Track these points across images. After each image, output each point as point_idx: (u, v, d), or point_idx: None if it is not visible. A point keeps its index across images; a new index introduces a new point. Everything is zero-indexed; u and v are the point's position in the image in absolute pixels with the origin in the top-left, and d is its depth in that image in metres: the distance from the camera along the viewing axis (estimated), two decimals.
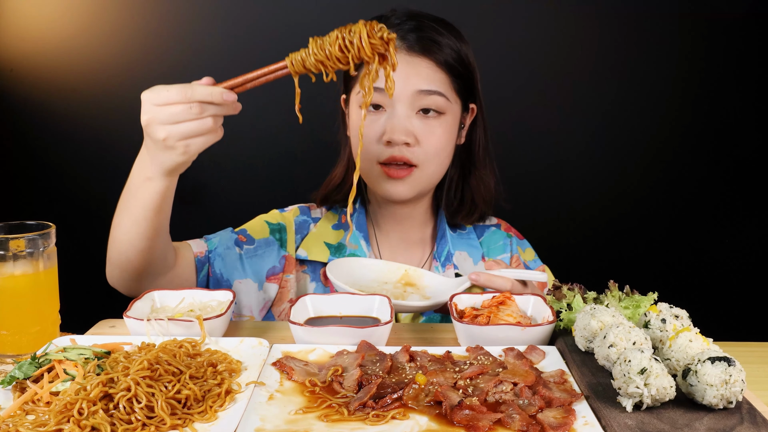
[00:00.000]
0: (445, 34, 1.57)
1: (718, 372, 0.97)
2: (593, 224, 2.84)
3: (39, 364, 1.08)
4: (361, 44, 1.16)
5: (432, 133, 1.56)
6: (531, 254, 1.81)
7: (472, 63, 1.62)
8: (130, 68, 2.72)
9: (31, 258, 1.25)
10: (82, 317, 1.45)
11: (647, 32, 2.70)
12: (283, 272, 1.69)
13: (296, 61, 1.20)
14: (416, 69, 1.53)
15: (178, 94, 1.16)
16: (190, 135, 1.19)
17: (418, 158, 1.56)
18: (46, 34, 2.71)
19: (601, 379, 1.06)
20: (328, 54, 1.17)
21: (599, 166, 2.80)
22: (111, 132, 2.75)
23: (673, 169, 2.80)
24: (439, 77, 1.55)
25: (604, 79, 2.73)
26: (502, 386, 1.04)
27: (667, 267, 2.86)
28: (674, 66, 2.72)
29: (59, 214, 2.37)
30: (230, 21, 2.70)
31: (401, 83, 1.50)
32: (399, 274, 1.58)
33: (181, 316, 1.26)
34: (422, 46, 1.53)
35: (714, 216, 2.84)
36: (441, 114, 1.56)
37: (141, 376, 1.00)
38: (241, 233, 1.68)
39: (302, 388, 1.06)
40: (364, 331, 1.19)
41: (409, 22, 1.56)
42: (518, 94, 2.71)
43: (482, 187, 1.71)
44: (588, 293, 1.30)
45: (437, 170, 1.62)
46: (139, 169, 1.31)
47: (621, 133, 2.77)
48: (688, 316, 1.15)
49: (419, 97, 1.53)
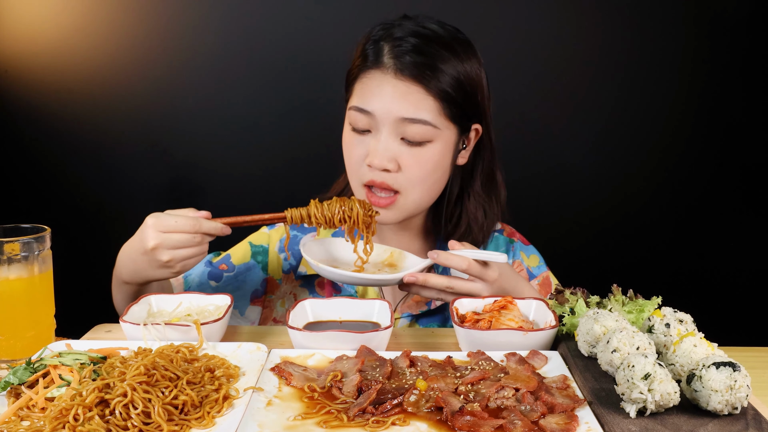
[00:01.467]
0: (448, 57, 1.48)
1: (723, 377, 0.97)
2: (596, 228, 2.84)
3: (34, 369, 1.08)
4: (356, 218, 1.47)
5: (416, 161, 1.50)
6: (535, 260, 1.77)
7: (478, 84, 1.54)
8: (126, 69, 2.73)
9: (26, 262, 1.25)
10: (78, 322, 1.45)
11: (650, 34, 2.71)
12: (265, 294, 1.70)
13: (295, 217, 1.44)
14: (403, 94, 1.46)
15: (186, 224, 1.32)
16: (189, 257, 1.35)
17: (400, 184, 1.51)
18: (40, 34, 2.71)
19: (604, 384, 1.06)
20: (327, 219, 1.46)
21: (602, 169, 2.80)
22: (107, 133, 2.76)
23: (677, 172, 2.81)
24: (427, 105, 1.47)
25: (608, 81, 2.74)
26: (503, 392, 1.04)
27: (671, 271, 2.87)
28: (678, 68, 2.73)
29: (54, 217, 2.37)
30: (226, 22, 2.71)
31: (386, 107, 1.46)
32: (384, 256, 1.58)
33: (178, 321, 1.26)
34: (415, 72, 1.45)
35: (719, 219, 2.84)
36: (428, 141, 1.50)
37: (137, 382, 1.00)
38: (224, 261, 1.69)
39: (301, 394, 1.06)
40: (364, 336, 1.19)
41: (411, 40, 1.48)
42: (520, 96, 2.71)
43: (480, 213, 1.66)
44: (591, 297, 1.30)
45: (424, 196, 1.56)
46: (125, 263, 1.40)
47: (624, 136, 2.78)
48: (692, 321, 1.15)
49: (403, 123, 1.47)
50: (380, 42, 1.50)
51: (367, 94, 1.48)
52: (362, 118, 1.49)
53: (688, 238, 2.86)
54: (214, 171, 2.79)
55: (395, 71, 1.46)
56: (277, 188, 2.79)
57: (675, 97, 2.75)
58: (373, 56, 1.49)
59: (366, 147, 1.51)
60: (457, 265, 1.41)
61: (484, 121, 1.60)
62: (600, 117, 2.77)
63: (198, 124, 2.77)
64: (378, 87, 1.47)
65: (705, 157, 2.80)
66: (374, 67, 1.48)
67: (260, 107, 2.75)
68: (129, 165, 2.77)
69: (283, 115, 2.75)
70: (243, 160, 2.80)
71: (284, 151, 2.78)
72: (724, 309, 2.83)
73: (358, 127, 1.51)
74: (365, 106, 1.48)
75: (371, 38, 1.52)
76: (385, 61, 1.47)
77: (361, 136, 1.52)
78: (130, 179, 2.76)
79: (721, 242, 2.86)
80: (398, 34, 1.50)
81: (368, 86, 1.49)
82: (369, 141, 1.51)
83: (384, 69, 1.47)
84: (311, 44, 2.68)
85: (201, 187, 2.79)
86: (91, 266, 2.66)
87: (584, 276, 1.76)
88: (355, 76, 1.52)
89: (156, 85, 2.74)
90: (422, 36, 1.49)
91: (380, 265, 1.56)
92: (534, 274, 1.75)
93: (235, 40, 2.71)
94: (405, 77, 1.46)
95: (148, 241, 1.31)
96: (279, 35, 2.69)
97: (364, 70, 1.50)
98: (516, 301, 1.34)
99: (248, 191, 2.81)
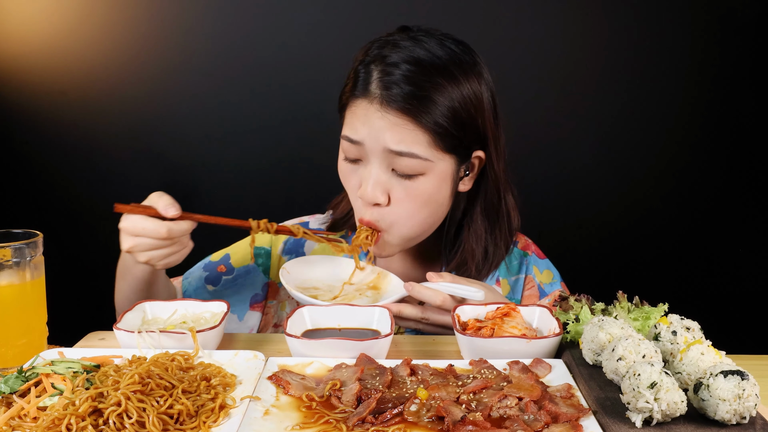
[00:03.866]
0: (443, 84, 1.41)
1: (731, 386, 0.97)
2: (601, 233, 2.85)
3: (26, 377, 1.08)
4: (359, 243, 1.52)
5: (407, 194, 1.45)
6: (549, 276, 1.72)
7: (479, 108, 1.46)
8: (119, 71, 2.74)
9: (18, 268, 1.25)
10: (71, 329, 1.45)
11: (657, 36, 2.71)
12: (266, 299, 1.70)
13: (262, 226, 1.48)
14: (391, 126, 1.40)
15: (153, 230, 1.35)
16: (167, 256, 1.40)
17: (390, 220, 1.48)
18: (32, 35, 2.72)
19: (609, 393, 1.07)
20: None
21: (608, 173, 2.81)
22: (100, 136, 2.76)
23: (684, 177, 2.81)
24: (417, 138, 1.41)
25: (614, 85, 2.75)
26: (506, 401, 1.04)
27: (678, 277, 2.87)
28: (686, 70, 2.73)
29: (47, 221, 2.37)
30: (220, 24, 2.72)
31: (374, 138, 1.42)
32: (371, 277, 1.58)
33: (174, 328, 1.26)
34: (403, 104, 1.39)
35: (727, 224, 2.85)
36: (420, 174, 1.44)
37: (132, 391, 1.00)
38: (223, 262, 1.69)
39: (299, 403, 1.06)
40: (364, 343, 1.19)
41: (402, 67, 1.41)
42: (525, 100, 2.72)
43: (479, 247, 1.60)
44: (596, 304, 1.31)
45: (416, 229, 1.51)
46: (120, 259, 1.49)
47: (631, 140, 2.78)
48: (699, 328, 1.15)
49: (390, 155, 1.42)
50: (371, 66, 1.44)
51: (355, 123, 1.45)
52: (352, 148, 1.46)
53: (696, 243, 2.86)
54: (209, 174, 2.80)
55: (381, 102, 1.40)
56: (273, 191, 2.80)
57: (683, 100, 2.76)
58: (362, 83, 1.44)
59: (359, 177, 1.49)
60: (430, 299, 1.41)
61: (488, 147, 1.52)
62: (606, 121, 2.77)
63: (193, 126, 2.78)
64: (365, 117, 1.42)
65: (713, 162, 2.80)
66: (362, 96, 1.43)
67: (256, 109, 2.76)
68: (123, 168, 2.77)
69: (278, 118, 2.76)
70: (238, 162, 2.80)
71: (280, 154, 2.79)
72: (733, 316, 2.83)
73: (349, 156, 1.49)
74: (354, 136, 1.45)
75: (364, 60, 1.46)
76: (373, 90, 1.42)
77: (354, 165, 1.49)
78: (123, 183, 2.77)
79: (729, 248, 2.86)
80: (390, 58, 1.42)
81: (357, 115, 1.44)
82: (361, 171, 1.48)
83: (371, 98, 1.42)
84: (307, 46, 2.69)
85: (196, 191, 2.79)
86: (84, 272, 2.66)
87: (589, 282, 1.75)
88: (345, 103, 1.48)
89: (150, 87, 2.75)
90: (415, 62, 1.41)
91: (364, 288, 1.57)
92: (545, 291, 1.69)
93: (229, 41, 2.72)
94: (392, 109, 1.40)
95: (123, 243, 1.38)
96: (274, 37, 2.70)
97: (352, 98, 1.46)
98: (519, 308, 1.34)
99: (244, 194, 2.81)
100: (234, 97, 2.75)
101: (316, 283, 1.56)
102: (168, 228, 1.35)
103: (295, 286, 1.47)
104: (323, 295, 1.51)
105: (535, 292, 1.69)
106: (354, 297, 1.53)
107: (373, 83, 1.42)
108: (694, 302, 2.41)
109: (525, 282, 1.71)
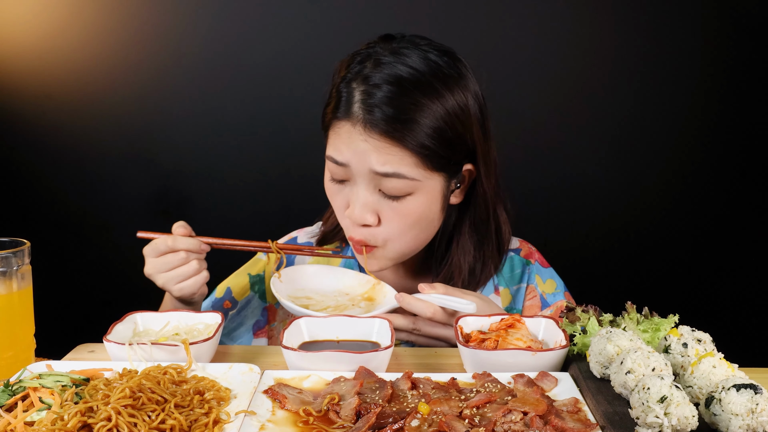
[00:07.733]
0: (427, 103, 1.40)
1: (744, 400, 0.97)
2: (610, 242, 2.85)
3: (12, 391, 1.08)
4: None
5: (396, 213, 1.47)
6: (552, 286, 1.72)
7: (467, 122, 1.46)
8: (109, 74, 2.74)
9: (4, 278, 1.25)
10: (59, 341, 1.45)
11: (667, 38, 2.72)
12: (268, 323, 1.72)
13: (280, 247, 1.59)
14: (375, 149, 1.41)
15: (162, 245, 1.46)
16: (182, 277, 1.48)
17: (377, 239, 1.50)
18: (18, 36, 2.73)
19: (617, 408, 1.07)
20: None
21: (617, 179, 2.81)
22: (90, 142, 2.77)
23: (695, 182, 2.81)
24: (403, 160, 1.41)
25: (622, 88, 2.75)
26: (511, 416, 1.04)
27: (689, 287, 2.87)
28: (696, 75, 2.73)
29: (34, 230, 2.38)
30: (214, 27, 2.73)
31: (358, 159, 1.42)
32: (366, 287, 1.59)
33: (166, 340, 1.26)
34: (386, 128, 1.39)
35: (739, 233, 2.85)
36: (408, 194, 1.45)
37: (122, 405, 1.00)
38: (227, 297, 1.72)
39: (296, 418, 1.06)
40: (363, 356, 1.19)
41: (384, 88, 1.40)
42: (531, 105, 2.73)
43: (465, 262, 1.61)
44: (604, 315, 1.31)
45: (409, 245, 1.53)
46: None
47: (640, 145, 2.79)
48: (711, 340, 1.16)
49: (376, 177, 1.43)
50: (352, 85, 1.44)
51: (340, 145, 1.45)
52: (338, 169, 1.47)
53: (707, 252, 2.86)
54: (202, 180, 2.80)
55: (365, 125, 1.41)
56: (267, 198, 2.81)
57: (692, 105, 2.76)
58: (344, 104, 1.44)
59: (346, 197, 1.50)
60: (420, 311, 1.43)
61: (478, 161, 1.52)
62: (615, 126, 2.78)
63: (185, 131, 2.79)
64: (349, 139, 1.43)
65: (725, 168, 2.81)
66: (345, 117, 1.43)
67: (250, 115, 2.77)
68: (113, 175, 2.78)
69: (273, 123, 2.77)
70: (232, 169, 2.81)
71: (274, 161, 2.79)
72: (745, 328, 2.83)
73: (335, 177, 1.49)
74: (339, 158, 1.45)
75: (345, 77, 1.46)
76: (355, 111, 1.42)
77: (340, 185, 1.50)
78: (114, 190, 2.77)
79: (741, 257, 2.86)
80: (372, 79, 1.42)
81: (341, 137, 1.44)
82: (348, 191, 1.49)
83: (354, 121, 1.42)
84: (302, 50, 2.70)
85: (189, 198, 2.80)
86: (73, 282, 2.66)
87: (596, 292, 1.75)
88: (329, 123, 1.49)
89: (141, 90, 2.76)
90: (397, 82, 1.41)
91: (358, 299, 1.58)
92: (548, 302, 1.69)
93: (223, 45, 2.73)
94: (376, 132, 1.40)
95: (145, 269, 1.49)
96: (269, 41, 2.71)
97: (335, 120, 1.46)
98: (524, 320, 1.34)
99: (238, 201, 2.82)
100: (229, 101, 2.76)
101: (309, 293, 1.57)
102: (173, 238, 1.46)
103: (287, 296, 1.48)
104: (315, 305, 1.52)
105: (536, 302, 1.69)
106: (347, 307, 1.54)
107: (355, 105, 1.42)
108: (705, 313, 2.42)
109: (527, 291, 1.71)
